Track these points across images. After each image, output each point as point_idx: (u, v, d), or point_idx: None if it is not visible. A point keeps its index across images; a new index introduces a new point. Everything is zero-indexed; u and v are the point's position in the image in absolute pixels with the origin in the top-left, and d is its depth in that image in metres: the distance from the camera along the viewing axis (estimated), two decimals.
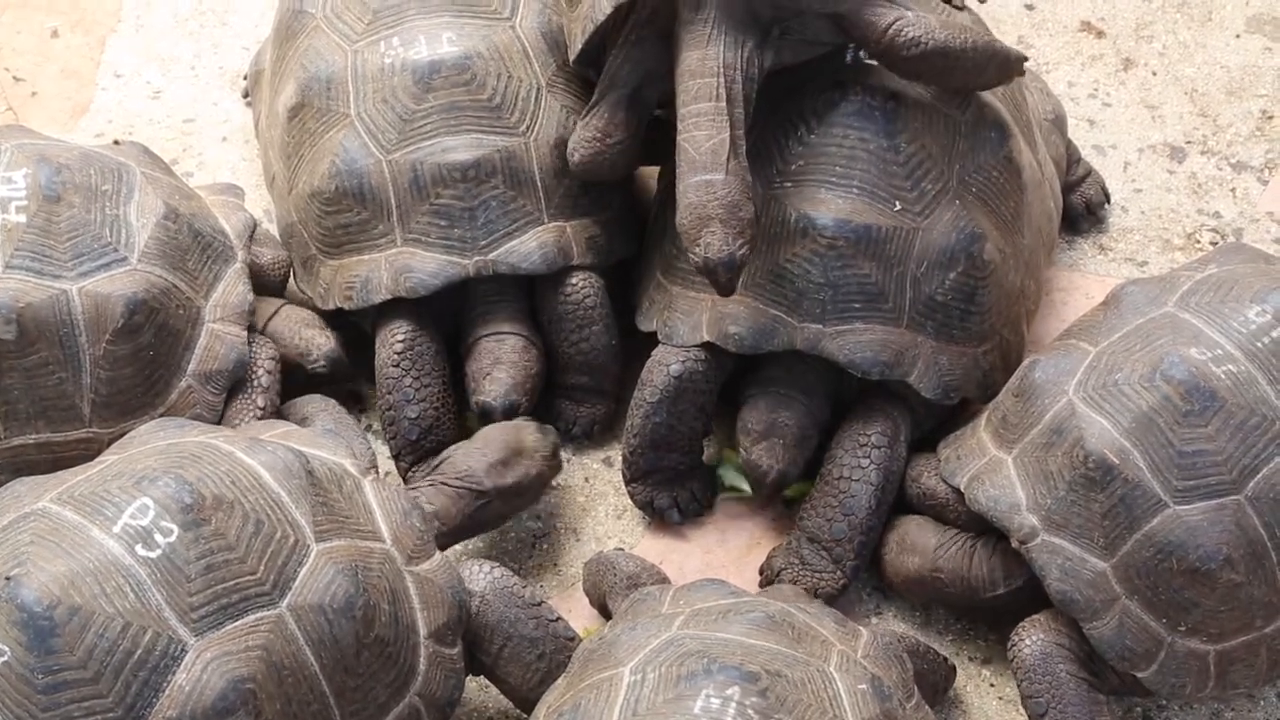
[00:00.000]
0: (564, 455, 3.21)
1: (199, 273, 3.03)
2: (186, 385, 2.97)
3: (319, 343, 3.17)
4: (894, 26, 2.88)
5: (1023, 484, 2.83)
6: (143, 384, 2.92)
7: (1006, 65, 2.98)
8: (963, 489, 2.89)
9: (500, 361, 3.14)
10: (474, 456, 2.95)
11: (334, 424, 3.02)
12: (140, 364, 2.91)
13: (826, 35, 2.98)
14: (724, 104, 2.86)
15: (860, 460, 2.98)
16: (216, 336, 3.00)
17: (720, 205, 2.81)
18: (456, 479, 2.91)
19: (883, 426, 3.00)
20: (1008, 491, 2.83)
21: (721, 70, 2.88)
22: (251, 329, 3.07)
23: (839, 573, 2.97)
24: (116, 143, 3.49)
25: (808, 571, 2.98)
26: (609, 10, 2.95)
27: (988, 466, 2.89)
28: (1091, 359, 2.84)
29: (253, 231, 3.16)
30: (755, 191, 2.89)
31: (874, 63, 3.03)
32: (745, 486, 3.16)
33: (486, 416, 3.11)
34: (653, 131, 3.15)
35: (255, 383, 3.04)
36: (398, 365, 3.10)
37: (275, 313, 3.18)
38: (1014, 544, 2.80)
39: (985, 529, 2.89)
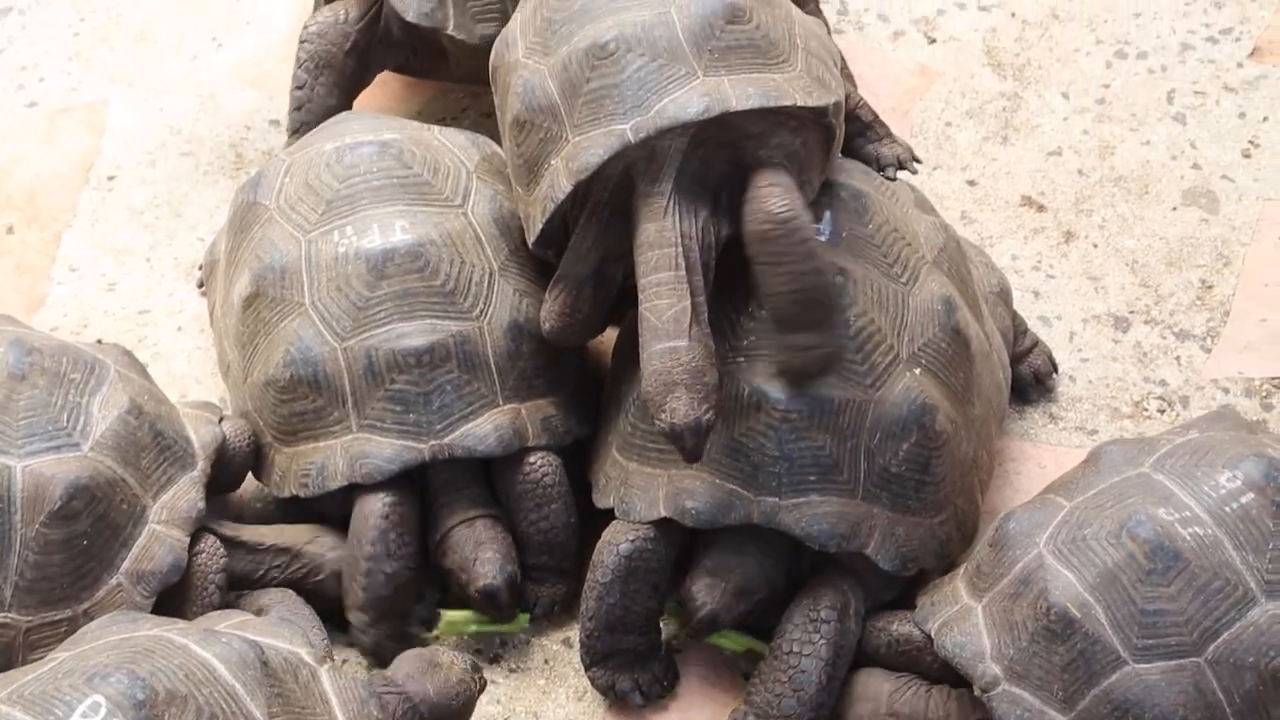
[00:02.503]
0: (523, 636, 3.18)
1: (152, 472, 3.01)
2: (116, 583, 2.93)
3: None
4: (766, 199, 2.90)
5: (989, 632, 2.83)
6: (71, 574, 2.88)
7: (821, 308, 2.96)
8: (932, 635, 2.90)
9: (481, 543, 3.13)
10: (392, 668, 2.89)
11: (290, 613, 2.99)
12: (72, 552, 2.87)
13: None
14: (683, 272, 2.90)
15: (811, 635, 2.96)
16: (157, 538, 2.97)
17: (685, 371, 2.83)
18: (382, 684, 2.83)
19: (833, 600, 2.99)
20: (974, 639, 2.84)
21: (679, 240, 2.92)
22: (209, 530, 3.05)
23: None
24: (99, 341, 3.52)
25: None
26: (569, 189, 2.99)
27: (958, 614, 2.90)
28: (1065, 513, 2.88)
29: (219, 446, 3.14)
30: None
31: (821, 238, 3.07)
32: (673, 623, 3.12)
33: (491, 598, 3.10)
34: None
35: (207, 579, 3.01)
36: (385, 518, 3.09)
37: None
38: (976, 692, 2.79)
39: (958, 679, 2.88)
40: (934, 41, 4.24)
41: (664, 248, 2.92)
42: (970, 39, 4.24)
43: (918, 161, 3.46)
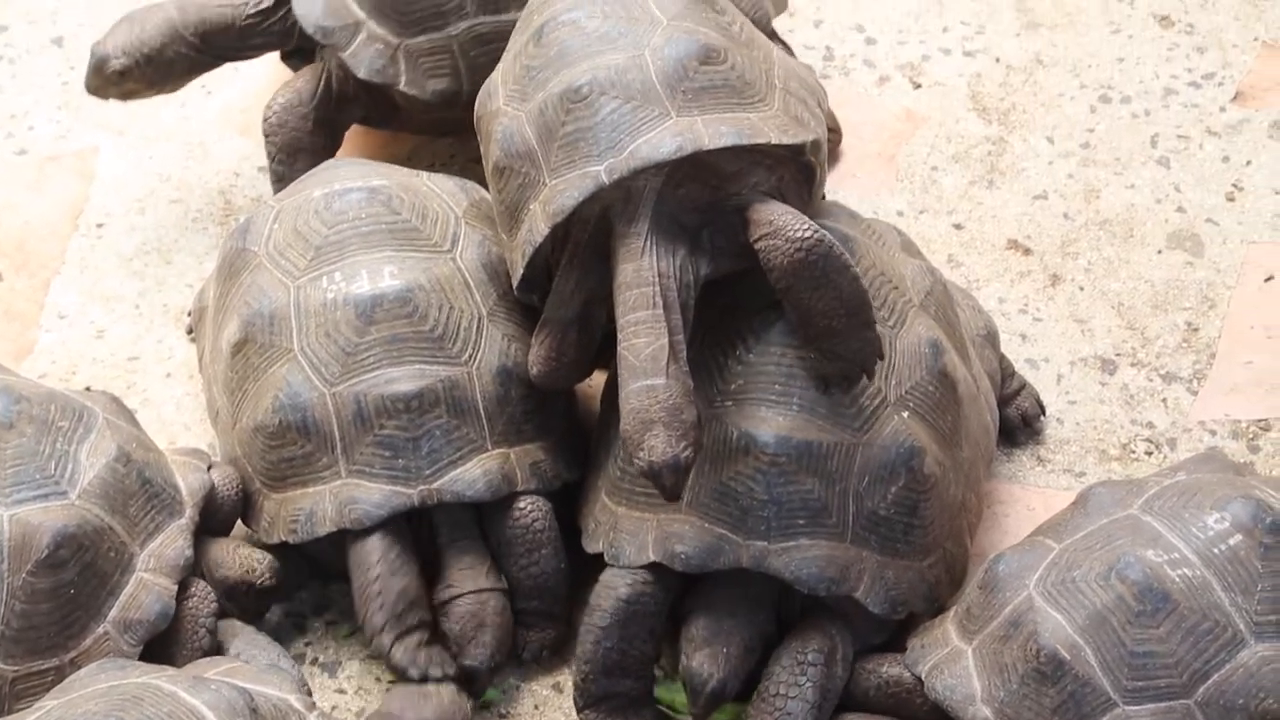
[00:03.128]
0: (513, 681, 3.18)
1: (140, 520, 3.01)
2: (104, 631, 2.92)
3: (257, 557, 3.14)
4: (782, 226, 2.91)
5: (979, 675, 2.83)
6: (58, 623, 2.87)
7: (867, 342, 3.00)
8: (923, 677, 2.90)
9: (484, 625, 3.12)
10: (384, 704, 2.90)
11: (251, 646, 2.97)
12: (59, 601, 2.87)
13: (743, 238, 3.01)
14: (661, 311, 2.90)
15: (798, 678, 2.96)
16: (144, 585, 2.97)
17: (662, 409, 2.82)
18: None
19: (820, 644, 2.99)
20: (964, 682, 2.84)
21: (657, 279, 2.92)
22: (199, 574, 3.04)
23: None
24: (88, 388, 3.52)
25: None
26: (546, 231, 3.00)
27: (948, 657, 2.90)
28: (1054, 555, 2.89)
29: (208, 493, 3.15)
30: (697, 397, 2.91)
31: None
32: (679, 699, 3.10)
33: (471, 679, 3.09)
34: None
35: (198, 624, 3.00)
36: (384, 541, 3.08)
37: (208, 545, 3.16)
38: None
39: None
40: (919, 86, 4.27)
41: (641, 287, 2.92)
42: (955, 84, 4.27)
43: None
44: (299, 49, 3.85)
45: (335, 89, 3.77)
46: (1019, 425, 3.57)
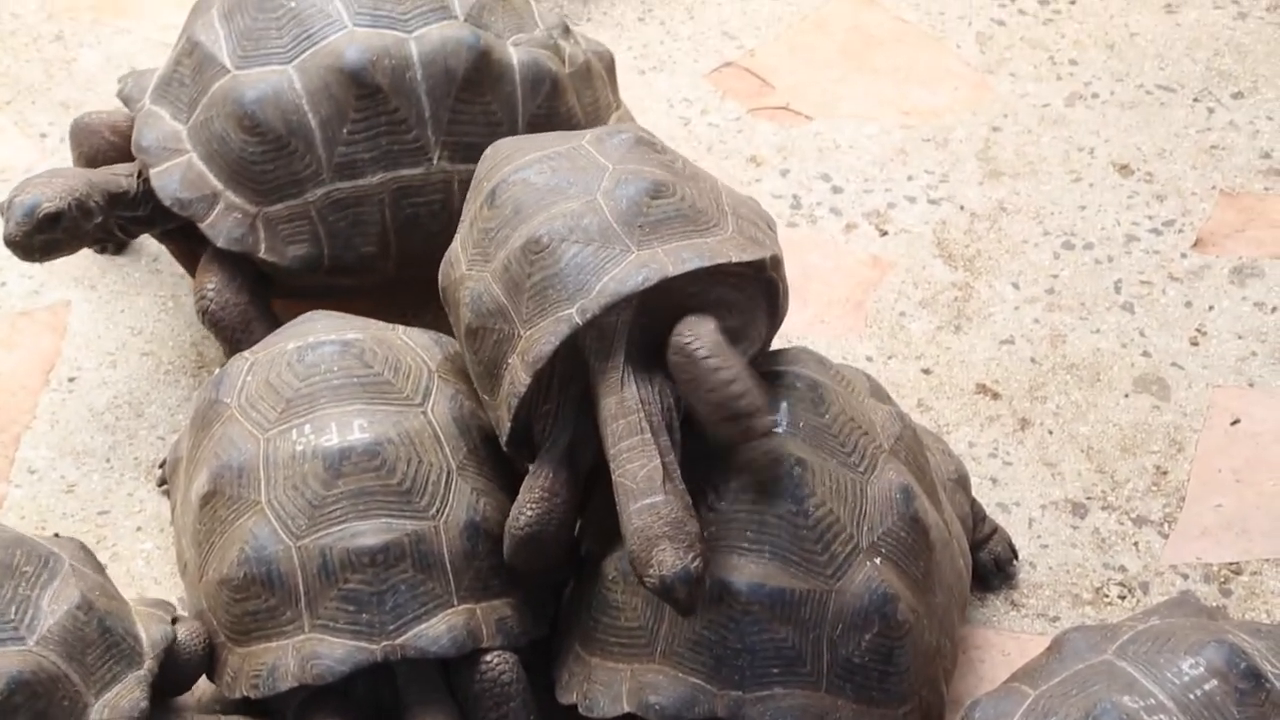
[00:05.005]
0: None
1: (96, 669, 2.97)
2: None
3: None
4: (686, 339, 2.97)
5: None
6: None
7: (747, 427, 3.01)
8: None
9: None
10: None
11: None
12: None
13: None
14: (649, 436, 2.94)
15: None
16: None
17: (666, 524, 2.85)
18: None
19: None
20: None
21: (640, 406, 2.97)
22: None
23: None
24: (56, 535, 3.49)
25: None
26: (528, 381, 3.04)
27: None
28: (1030, 702, 2.86)
29: (169, 645, 3.12)
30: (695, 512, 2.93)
31: (779, 430, 3.11)
32: None
33: None
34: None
35: None
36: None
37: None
38: None
39: None
40: (886, 234, 4.33)
41: (627, 416, 2.97)
42: (921, 231, 4.34)
43: None
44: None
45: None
46: (992, 570, 3.56)
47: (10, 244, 3.65)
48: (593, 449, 3.08)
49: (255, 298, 3.75)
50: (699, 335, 2.96)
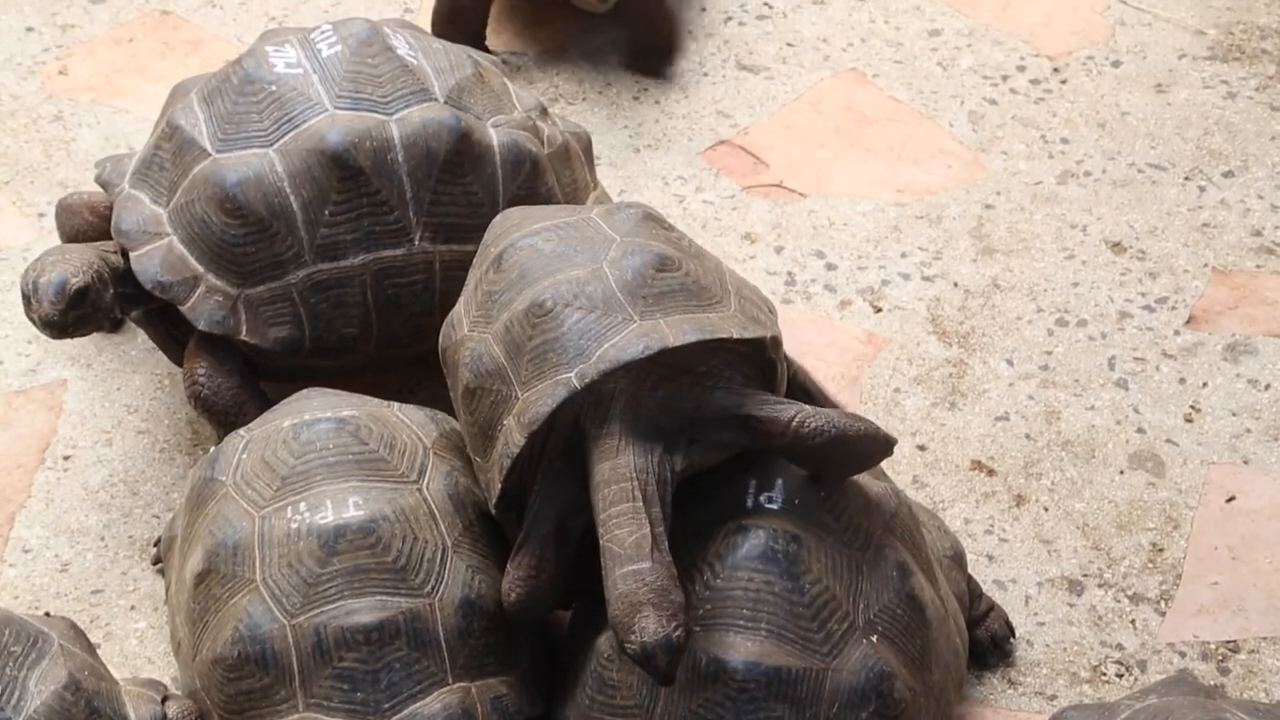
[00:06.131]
0: None
1: None
2: None
3: None
4: (797, 419, 3.01)
5: None
6: None
7: (886, 446, 3.13)
8: None
9: None
10: None
11: None
12: None
13: (732, 437, 3.10)
14: (640, 504, 2.95)
15: None
16: None
17: (650, 591, 2.85)
18: None
19: None
20: None
21: (634, 475, 2.98)
22: None
23: None
24: (47, 614, 3.48)
25: None
26: (522, 441, 3.05)
27: None
28: None
29: None
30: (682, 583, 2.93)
31: (774, 506, 3.11)
32: None
33: None
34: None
35: None
36: None
37: None
38: None
39: None
40: (880, 310, 4.35)
41: (620, 483, 2.98)
42: (915, 307, 4.36)
43: None
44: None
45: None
46: (989, 647, 3.55)
47: (46, 324, 3.63)
48: (585, 519, 3.08)
49: (246, 379, 3.75)
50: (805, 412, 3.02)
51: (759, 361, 3.19)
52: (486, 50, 4.76)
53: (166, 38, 5.12)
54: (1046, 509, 3.88)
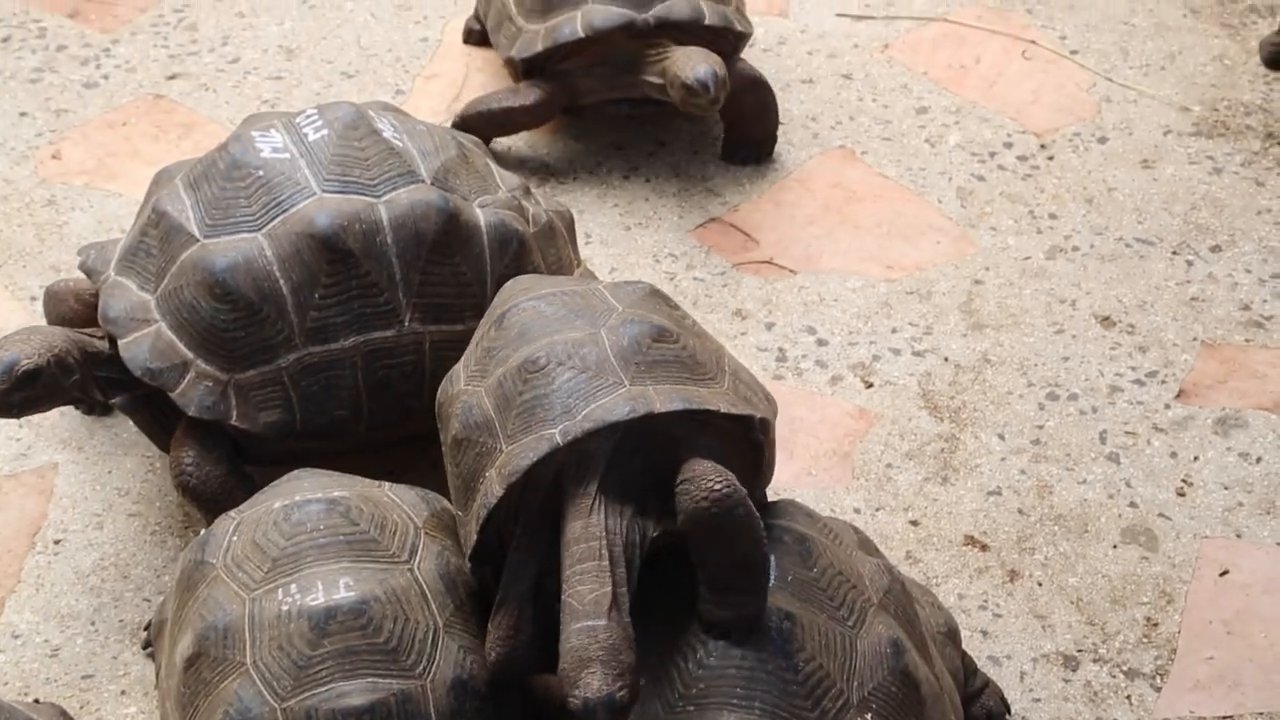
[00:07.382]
0: None
1: None
2: None
3: None
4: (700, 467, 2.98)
5: None
6: None
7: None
8: None
9: None
10: None
11: None
12: None
13: None
14: (606, 563, 2.95)
15: None
16: None
17: (601, 648, 2.84)
18: None
19: None
20: None
21: (604, 534, 2.99)
22: None
23: None
24: (36, 701, 3.46)
25: None
26: (501, 492, 3.06)
27: None
28: None
29: None
30: (656, 703, 2.89)
31: (769, 583, 3.10)
32: None
33: None
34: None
35: None
36: None
37: None
38: None
39: None
40: (871, 386, 4.36)
41: (589, 541, 2.98)
42: (906, 383, 4.37)
43: None
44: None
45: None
46: None
47: None
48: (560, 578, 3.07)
49: (233, 466, 3.74)
50: (721, 478, 2.96)
51: (747, 442, 3.19)
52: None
53: (159, 121, 5.16)
54: (1040, 584, 3.87)
